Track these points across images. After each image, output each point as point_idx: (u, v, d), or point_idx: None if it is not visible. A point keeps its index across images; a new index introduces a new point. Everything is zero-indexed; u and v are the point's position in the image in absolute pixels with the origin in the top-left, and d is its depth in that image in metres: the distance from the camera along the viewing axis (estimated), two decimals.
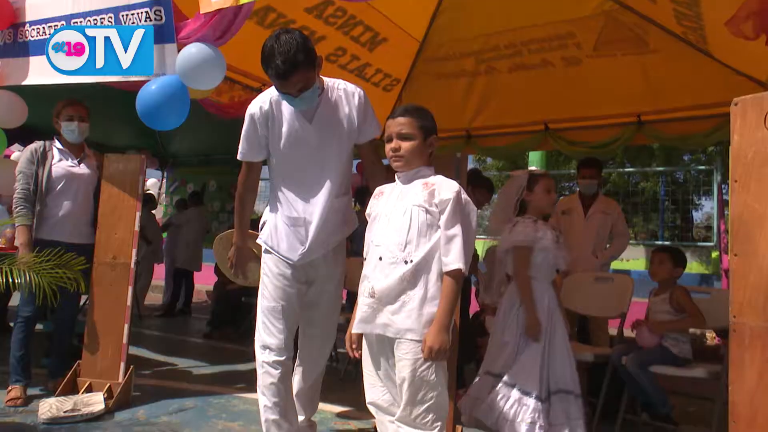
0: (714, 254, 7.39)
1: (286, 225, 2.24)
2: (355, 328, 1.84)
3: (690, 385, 3.20)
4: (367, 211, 1.93)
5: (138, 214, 3.19)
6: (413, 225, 1.75)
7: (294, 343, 2.36)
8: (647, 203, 10.11)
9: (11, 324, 4.40)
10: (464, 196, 1.78)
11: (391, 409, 1.81)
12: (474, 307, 4.10)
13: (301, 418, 2.43)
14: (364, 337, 1.85)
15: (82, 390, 3.00)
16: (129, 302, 3.13)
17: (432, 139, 1.85)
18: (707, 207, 10.90)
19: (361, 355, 1.89)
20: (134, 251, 3.17)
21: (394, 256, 1.75)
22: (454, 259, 1.71)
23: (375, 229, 1.86)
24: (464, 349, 3.03)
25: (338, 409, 3.14)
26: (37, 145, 3.18)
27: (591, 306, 3.41)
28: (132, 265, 3.16)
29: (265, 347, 2.24)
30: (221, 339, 5.13)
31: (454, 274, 1.71)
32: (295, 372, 2.45)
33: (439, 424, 1.74)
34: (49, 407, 2.76)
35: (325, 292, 2.37)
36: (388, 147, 1.84)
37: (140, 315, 5.95)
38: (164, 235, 6.96)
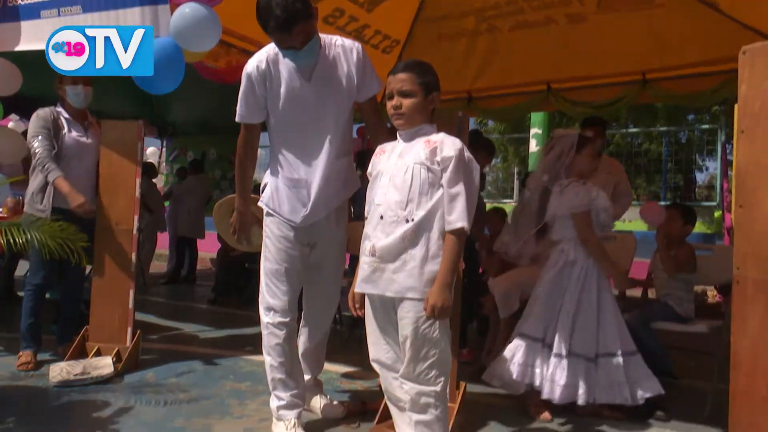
0: (717, 214, 7.38)
1: (287, 187, 2.22)
2: (357, 287, 1.84)
3: (690, 341, 3.23)
4: (369, 169, 1.91)
5: (138, 180, 3.18)
6: (414, 183, 1.73)
7: (298, 304, 2.38)
8: (651, 164, 10.05)
9: (19, 293, 4.46)
10: (467, 153, 1.76)
11: (395, 366, 1.83)
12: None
13: (307, 377, 2.47)
14: (366, 296, 1.86)
15: (91, 354, 3.05)
16: (133, 268, 3.15)
17: (434, 96, 1.82)
18: (711, 168, 10.87)
19: (364, 315, 1.90)
20: (136, 218, 3.17)
21: (395, 215, 1.74)
22: (457, 218, 1.69)
23: (376, 187, 1.84)
24: (467, 309, 3.06)
25: (344, 369, 3.19)
26: (46, 111, 3.13)
27: None
28: (134, 231, 3.17)
29: (269, 309, 2.26)
30: (226, 305, 5.19)
31: (457, 232, 1.70)
32: (300, 333, 2.48)
33: (442, 379, 1.76)
34: (60, 371, 2.81)
35: (328, 253, 2.37)
36: (389, 104, 1.81)
37: (145, 283, 6.01)
38: (166, 204, 6.97)
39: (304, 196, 2.20)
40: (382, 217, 1.77)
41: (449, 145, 1.74)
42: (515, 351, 2.50)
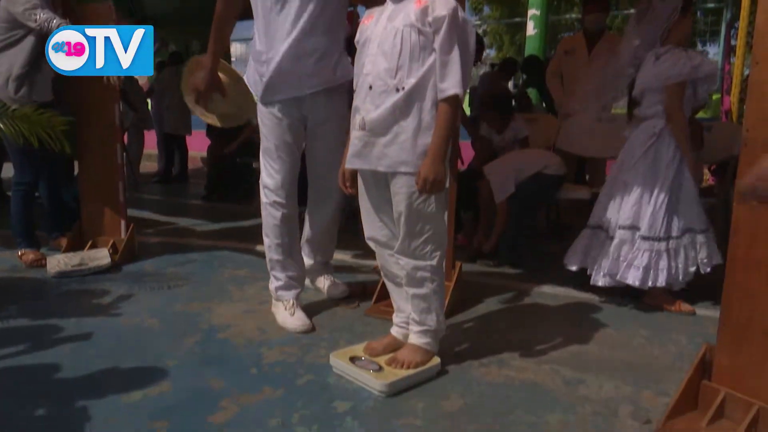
0: (715, 96, 7.23)
1: (253, 59, 2.16)
2: (348, 163, 1.77)
3: None
4: (356, 37, 1.77)
5: None
6: (405, 48, 1.60)
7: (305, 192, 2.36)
8: None
9: (8, 193, 4.40)
10: (461, 13, 1.61)
11: (390, 243, 1.81)
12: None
13: (309, 261, 2.49)
14: (358, 173, 1.80)
15: (87, 247, 3.06)
16: (119, 159, 3.07)
17: None
18: (711, 54, 10.51)
19: (355, 193, 1.85)
20: (116, 107, 3.04)
21: (384, 84, 1.63)
22: (451, 85, 1.58)
23: (364, 56, 1.71)
24: (463, 195, 3.03)
25: (341, 256, 3.22)
26: None
27: (590, 147, 3.37)
28: (116, 122, 3.05)
29: (265, 187, 2.24)
30: (220, 200, 5.17)
31: (450, 100, 1.60)
32: (306, 220, 2.47)
33: (438, 253, 1.75)
34: (57, 262, 2.82)
35: (324, 136, 2.26)
36: None
37: (137, 182, 5.95)
38: (149, 101, 6.72)
39: (262, 70, 2.12)
40: (371, 88, 1.66)
41: (441, 3, 1.58)
42: (640, 255, 2.35)
